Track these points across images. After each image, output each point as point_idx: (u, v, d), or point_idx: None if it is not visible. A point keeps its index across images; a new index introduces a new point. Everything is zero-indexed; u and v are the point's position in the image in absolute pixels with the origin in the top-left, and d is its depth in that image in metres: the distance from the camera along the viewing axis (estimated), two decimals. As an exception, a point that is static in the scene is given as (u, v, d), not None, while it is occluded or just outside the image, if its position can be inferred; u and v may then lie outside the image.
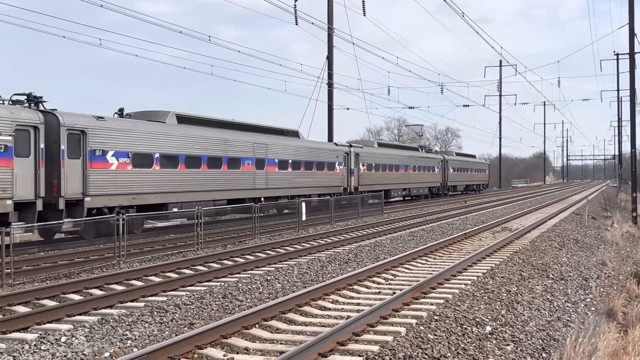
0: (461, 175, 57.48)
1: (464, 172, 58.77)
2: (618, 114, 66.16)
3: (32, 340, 8.14)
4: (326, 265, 14.62)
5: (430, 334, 8.31)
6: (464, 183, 59.54)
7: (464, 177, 58.97)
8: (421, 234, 21.67)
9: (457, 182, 56.03)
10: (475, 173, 63.34)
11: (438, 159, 54.74)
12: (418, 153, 52.56)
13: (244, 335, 8.28)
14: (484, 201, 47.05)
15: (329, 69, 40.96)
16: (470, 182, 62.24)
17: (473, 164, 63.58)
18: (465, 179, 59.31)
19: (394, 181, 44.50)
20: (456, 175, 55.40)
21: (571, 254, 17.55)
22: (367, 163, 39.20)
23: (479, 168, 65.89)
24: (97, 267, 14.77)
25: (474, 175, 63.20)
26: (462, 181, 58.40)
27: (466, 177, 59.45)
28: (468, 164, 60.82)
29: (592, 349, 7.65)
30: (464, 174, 58.48)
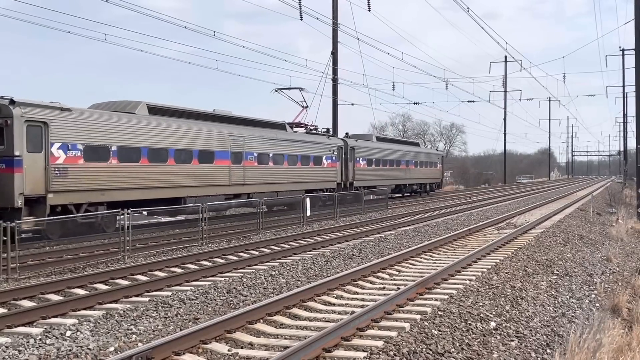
0: (385, 172, 41.23)
1: (392, 167, 42.64)
2: (623, 110, 66.06)
3: (37, 334, 8.17)
4: (330, 260, 14.62)
5: (435, 329, 8.31)
6: (392, 182, 42.37)
7: (392, 173, 42.78)
8: (425, 230, 21.65)
9: (375, 181, 38.83)
10: (416, 168, 47.38)
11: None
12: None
13: (248, 330, 8.30)
14: (488, 197, 46.97)
15: (334, 65, 40.91)
16: (407, 180, 45.69)
17: (412, 154, 46.64)
18: (394, 177, 42.99)
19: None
20: (373, 172, 39.42)
21: (576, 250, 17.52)
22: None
23: (425, 161, 50.00)
24: (102, 261, 14.81)
25: (415, 170, 47.13)
26: (387, 179, 41.23)
27: (397, 173, 43.65)
28: (400, 155, 44.23)
29: (596, 345, 7.64)
30: (391, 170, 42.48)
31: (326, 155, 32.74)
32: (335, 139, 35.03)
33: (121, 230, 15.60)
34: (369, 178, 38.08)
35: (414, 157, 46.66)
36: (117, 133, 20.50)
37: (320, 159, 32.29)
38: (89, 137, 19.49)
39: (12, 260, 12.79)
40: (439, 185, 54.31)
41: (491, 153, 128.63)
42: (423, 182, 49.65)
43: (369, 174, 38.33)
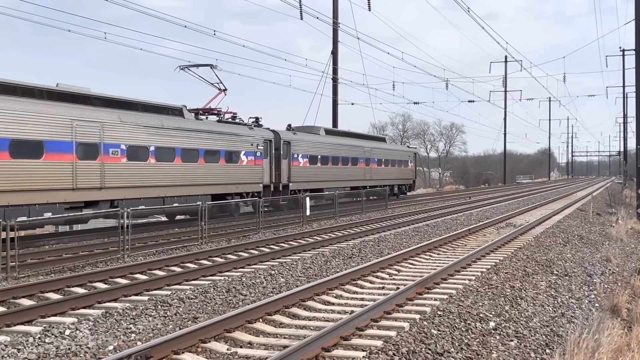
0: (335, 171, 34.24)
1: (346, 166, 35.35)
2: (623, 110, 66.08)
3: (36, 333, 8.17)
4: (330, 260, 14.62)
5: (434, 329, 8.30)
6: (346, 183, 35.28)
7: (347, 173, 35.53)
8: (425, 230, 21.65)
9: (320, 182, 32.56)
10: (379, 167, 39.79)
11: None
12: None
13: (247, 329, 8.30)
14: (488, 197, 46.97)
15: (334, 64, 40.95)
16: (367, 181, 37.80)
17: (374, 151, 39.15)
18: (349, 177, 35.75)
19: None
20: (318, 171, 32.55)
21: (575, 250, 17.53)
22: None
23: (393, 159, 42.25)
24: (101, 260, 14.81)
25: (378, 170, 39.57)
26: (339, 180, 34.42)
27: (353, 173, 36.31)
28: (357, 151, 36.89)
29: (595, 345, 7.64)
30: (345, 170, 35.28)
31: (246, 151, 26.02)
32: (262, 131, 28.08)
33: (120, 230, 15.59)
34: (311, 179, 31.67)
35: (378, 154, 39.50)
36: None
37: (235, 154, 25.53)
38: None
39: (11, 259, 12.79)
40: (411, 187, 46.30)
41: (491, 153, 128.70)
42: (390, 183, 40.95)
43: (312, 174, 31.76)
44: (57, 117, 18.08)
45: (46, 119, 17.77)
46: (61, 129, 18.16)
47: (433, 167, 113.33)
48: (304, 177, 31.02)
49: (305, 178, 31.14)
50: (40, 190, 17.45)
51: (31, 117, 17.34)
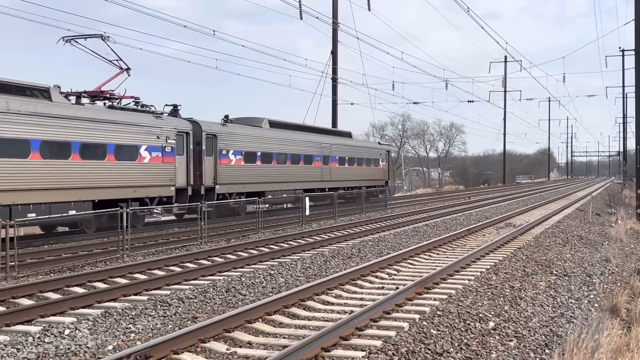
0: (281, 171, 29.28)
1: (296, 165, 30.39)
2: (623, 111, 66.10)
3: (35, 332, 8.17)
4: (329, 260, 14.62)
5: (434, 329, 8.31)
6: (296, 185, 30.20)
7: (297, 173, 30.58)
8: (425, 230, 21.66)
9: (260, 184, 27.46)
10: (342, 166, 34.76)
11: None
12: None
13: (247, 329, 8.30)
14: (488, 197, 46.98)
15: (334, 64, 40.94)
16: (326, 182, 32.94)
17: (335, 148, 34.06)
18: (300, 178, 30.72)
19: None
20: (257, 171, 27.36)
21: (575, 250, 17.53)
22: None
23: (360, 157, 37.01)
24: (101, 260, 14.81)
25: (340, 170, 34.53)
26: (286, 181, 29.54)
27: (306, 173, 31.28)
28: (312, 147, 31.80)
29: (595, 345, 7.64)
30: (294, 169, 30.33)
31: (149, 145, 21.23)
32: (174, 120, 23.02)
33: (120, 229, 15.58)
34: (247, 180, 26.51)
35: (340, 151, 34.37)
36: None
37: (132, 149, 20.67)
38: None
39: (11, 259, 12.79)
40: (383, 190, 38.17)
41: (491, 153, 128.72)
42: (355, 185, 35.74)
43: (249, 175, 26.64)
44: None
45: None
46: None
47: (432, 167, 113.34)
48: (236, 178, 25.80)
49: (238, 179, 25.93)
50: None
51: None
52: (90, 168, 19.16)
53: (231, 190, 25.56)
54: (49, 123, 17.86)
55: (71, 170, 18.57)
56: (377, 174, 39.38)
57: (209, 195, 24.04)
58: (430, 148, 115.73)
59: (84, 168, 18.93)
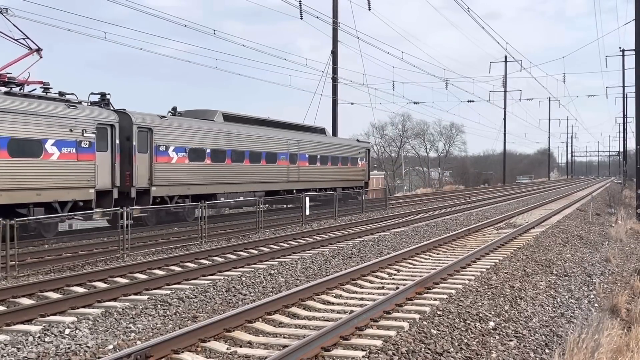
0: (238, 171, 26.17)
1: (256, 164, 27.40)
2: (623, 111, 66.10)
3: (36, 332, 8.17)
4: (330, 259, 14.63)
5: (434, 329, 8.31)
6: (256, 187, 27.27)
7: (258, 173, 27.54)
8: (425, 230, 21.66)
9: (209, 186, 24.34)
10: (314, 166, 31.86)
11: None
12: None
13: (247, 329, 8.30)
14: (488, 197, 46.97)
15: (334, 64, 40.93)
16: (294, 183, 30.13)
17: (304, 145, 31.10)
18: (261, 178, 27.74)
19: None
20: (205, 170, 24.24)
21: (575, 250, 17.53)
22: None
23: (335, 155, 34.02)
24: (101, 260, 14.81)
25: (311, 170, 31.60)
26: (244, 182, 26.54)
27: (269, 172, 28.33)
28: (276, 144, 28.88)
29: (595, 345, 7.64)
30: (255, 169, 27.27)
31: (59, 139, 18.10)
32: (95, 110, 19.76)
33: (120, 229, 15.58)
34: (192, 180, 23.33)
35: (310, 148, 31.36)
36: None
37: (33, 144, 17.46)
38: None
39: (11, 258, 12.79)
40: (361, 191, 35.78)
41: (491, 153, 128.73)
42: (329, 186, 32.94)
43: (194, 174, 23.50)
44: None
45: None
46: None
47: (433, 167, 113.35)
48: (178, 179, 22.70)
49: (181, 179, 22.82)
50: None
51: None
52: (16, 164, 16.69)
53: (172, 193, 22.49)
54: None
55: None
56: (355, 174, 36.30)
57: (143, 198, 21.15)
58: (431, 148, 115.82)
59: None
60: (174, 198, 22.56)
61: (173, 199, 22.53)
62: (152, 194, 21.46)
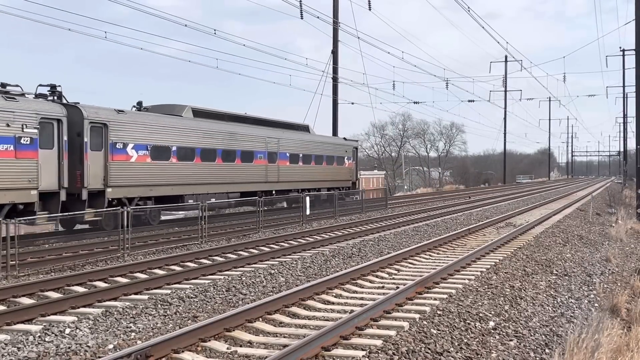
0: (213, 171, 24.53)
1: (230, 163, 25.48)
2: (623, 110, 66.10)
3: (36, 331, 8.18)
4: (330, 259, 14.63)
5: (434, 328, 8.31)
6: (232, 188, 25.57)
7: (234, 172, 25.71)
8: (425, 229, 21.66)
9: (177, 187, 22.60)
10: (295, 165, 30.07)
11: None
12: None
13: (247, 328, 8.30)
14: (488, 197, 46.97)
15: (334, 64, 40.92)
16: (273, 184, 28.21)
17: (284, 142, 29.24)
18: (237, 178, 25.90)
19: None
20: (170, 170, 22.39)
21: (575, 250, 17.53)
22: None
23: (320, 154, 32.18)
24: (101, 259, 14.82)
25: (292, 169, 29.80)
26: (216, 182, 24.54)
27: (249, 173, 26.64)
28: (253, 141, 27.07)
29: (595, 345, 7.64)
30: (229, 168, 25.42)
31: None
32: (38, 103, 18.01)
33: (121, 228, 15.59)
34: (156, 181, 21.61)
35: (291, 147, 29.63)
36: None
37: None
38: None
39: (11, 258, 12.79)
40: (349, 192, 34.25)
41: (491, 153, 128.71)
42: (314, 186, 31.49)
43: (158, 174, 21.74)
44: None
45: None
46: None
47: (433, 167, 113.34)
48: (138, 179, 20.83)
49: (141, 180, 20.97)
50: None
51: None
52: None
53: (131, 195, 20.57)
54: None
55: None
56: (342, 174, 34.41)
57: (97, 200, 19.25)
58: (431, 148, 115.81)
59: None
60: (133, 200, 20.62)
61: (133, 201, 20.56)
62: (108, 196, 19.53)
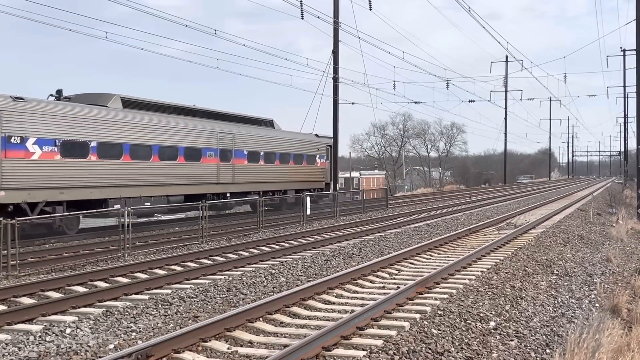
0: (148, 170, 21.67)
1: (171, 163, 22.64)
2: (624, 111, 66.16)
3: (37, 331, 8.18)
4: (330, 259, 14.63)
5: (434, 328, 8.31)
6: (176, 189, 22.78)
7: (179, 173, 22.94)
8: (425, 229, 21.66)
9: (95, 190, 19.56)
10: (256, 164, 27.19)
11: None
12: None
13: (248, 328, 8.30)
14: (489, 197, 46.95)
15: (335, 64, 40.84)
16: (227, 185, 25.44)
17: (242, 139, 26.42)
18: (187, 179, 23.27)
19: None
20: (97, 169, 19.72)
21: (576, 250, 17.52)
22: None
23: (286, 152, 29.45)
24: (102, 259, 14.82)
25: (252, 169, 26.93)
26: (159, 183, 21.93)
27: (196, 173, 23.77)
28: (202, 139, 24.25)
29: (595, 345, 7.64)
30: (170, 168, 22.53)
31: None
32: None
33: (121, 228, 15.59)
34: (68, 182, 18.75)
35: (250, 144, 26.66)
36: None
37: None
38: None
39: (12, 258, 12.80)
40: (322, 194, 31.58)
41: (492, 153, 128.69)
42: (279, 188, 28.66)
43: (71, 174, 18.88)
44: None
45: None
46: None
47: (433, 167, 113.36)
48: (43, 180, 17.97)
49: (47, 181, 18.08)
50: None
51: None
52: None
53: (34, 199, 17.68)
54: None
55: None
56: (313, 174, 31.36)
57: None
58: (431, 148, 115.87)
59: None
60: (37, 205, 17.81)
61: (37, 206, 17.78)
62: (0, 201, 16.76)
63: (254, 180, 27.02)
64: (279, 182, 28.75)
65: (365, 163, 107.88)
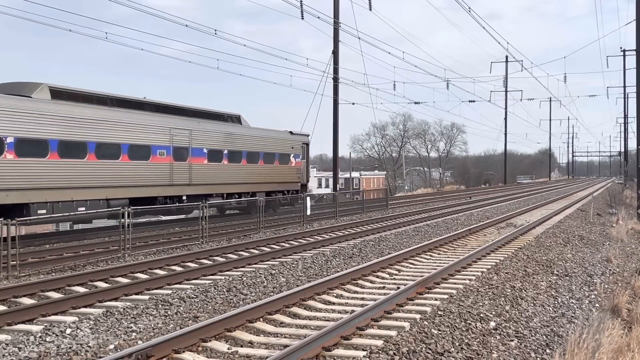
0: (78, 170, 18.46)
1: (113, 162, 19.76)
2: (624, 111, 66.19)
3: (37, 331, 8.18)
4: (330, 259, 14.63)
5: (434, 329, 8.31)
6: (120, 192, 19.87)
7: (123, 172, 20.09)
8: (426, 230, 21.66)
9: (18, 194, 16.59)
10: (218, 164, 24.63)
11: None
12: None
13: (248, 328, 8.30)
14: (489, 197, 46.95)
15: (335, 64, 40.85)
16: (183, 187, 22.65)
17: (204, 136, 23.87)
18: (134, 181, 20.48)
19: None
20: (13, 169, 16.55)
21: (576, 251, 17.52)
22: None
23: (255, 150, 26.93)
24: (102, 259, 14.82)
25: (214, 169, 24.35)
26: (94, 185, 18.89)
27: (145, 173, 21.02)
28: (153, 135, 21.43)
29: (596, 345, 7.64)
30: (111, 167, 19.63)
31: None
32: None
33: (121, 229, 15.59)
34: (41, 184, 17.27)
35: (211, 141, 24.15)
36: None
37: None
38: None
39: (12, 258, 12.80)
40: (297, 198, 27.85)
41: (492, 153, 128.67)
42: (247, 190, 26.13)
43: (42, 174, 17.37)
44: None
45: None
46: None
47: (434, 167, 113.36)
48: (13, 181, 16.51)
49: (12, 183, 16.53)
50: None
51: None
52: None
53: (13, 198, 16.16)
54: None
55: None
56: (287, 174, 28.86)
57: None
58: (431, 148, 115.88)
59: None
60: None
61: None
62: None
63: (216, 181, 24.30)
64: (246, 183, 26.10)
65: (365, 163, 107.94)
